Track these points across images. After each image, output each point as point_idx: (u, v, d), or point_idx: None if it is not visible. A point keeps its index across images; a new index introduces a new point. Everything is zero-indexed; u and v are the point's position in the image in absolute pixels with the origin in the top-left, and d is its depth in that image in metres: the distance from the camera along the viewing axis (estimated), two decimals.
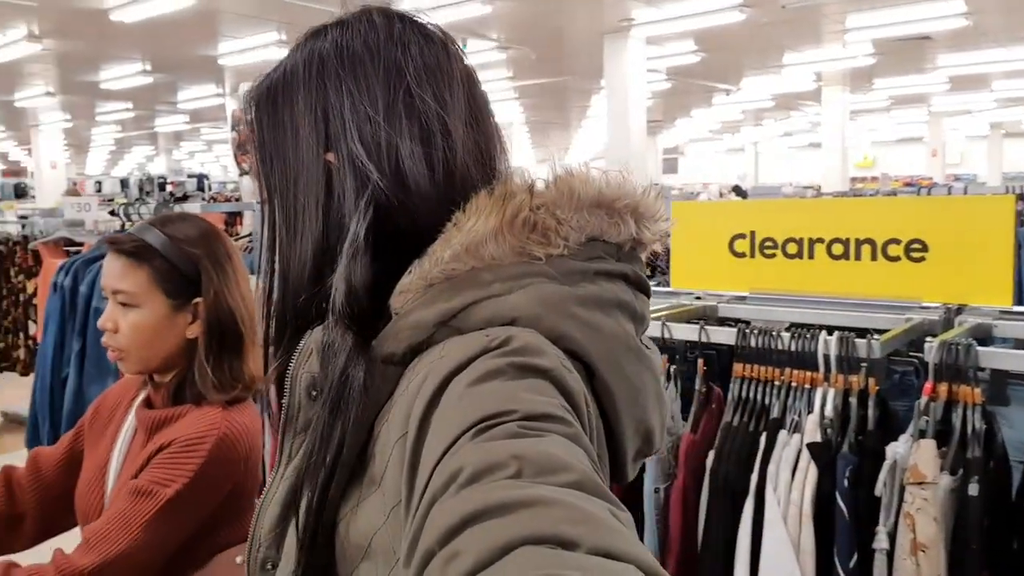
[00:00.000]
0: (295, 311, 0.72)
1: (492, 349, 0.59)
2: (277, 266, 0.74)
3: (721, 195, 13.74)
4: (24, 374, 5.57)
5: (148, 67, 11.23)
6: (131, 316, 1.27)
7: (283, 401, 0.71)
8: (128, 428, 1.35)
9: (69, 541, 1.25)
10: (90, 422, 1.44)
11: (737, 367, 1.75)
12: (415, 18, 0.74)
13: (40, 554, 1.24)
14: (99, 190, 16.60)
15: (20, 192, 16.30)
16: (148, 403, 1.34)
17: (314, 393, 0.67)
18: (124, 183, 16.66)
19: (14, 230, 6.29)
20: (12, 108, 14.20)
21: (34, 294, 5.42)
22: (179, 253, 1.28)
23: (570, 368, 0.61)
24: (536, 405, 0.54)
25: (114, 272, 1.28)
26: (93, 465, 1.36)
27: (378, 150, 0.68)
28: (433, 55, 0.72)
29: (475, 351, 0.59)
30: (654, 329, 1.87)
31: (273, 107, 0.73)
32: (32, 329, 5.47)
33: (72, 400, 2.38)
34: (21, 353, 5.70)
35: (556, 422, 0.53)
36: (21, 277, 5.67)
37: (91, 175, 21.55)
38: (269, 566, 0.70)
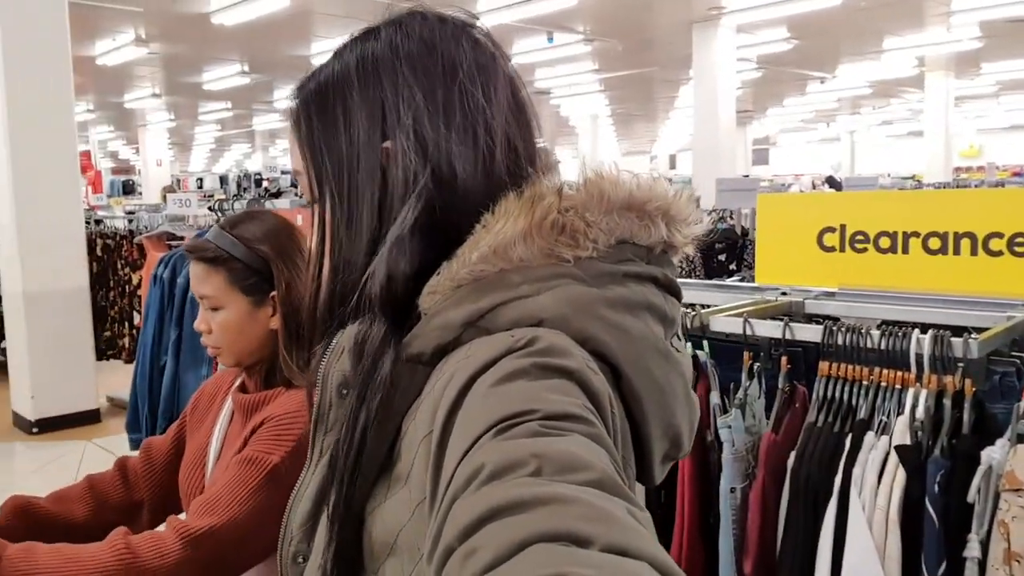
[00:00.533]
0: (343, 304, 0.72)
1: (517, 349, 0.59)
2: (327, 261, 0.75)
3: (814, 186, 13.31)
4: (128, 361, 5.89)
5: (246, 68, 11.66)
6: (218, 317, 1.36)
7: (315, 398, 0.73)
8: (226, 413, 1.44)
9: None
10: (191, 412, 1.54)
11: (823, 366, 1.69)
12: (464, 19, 0.75)
13: None
14: (200, 186, 17.31)
15: (128, 189, 17.14)
16: (243, 388, 1.43)
17: (344, 392, 0.69)
18: (223, 179, 17.30)
19: (121, 225, 6.66)
20: (122, 109, 15.00)
21: (138, 286, 5.72)
22: (249, 253, 1.34)
23: (596, 369, 0.61)
24: (558, 405, 0.54)
25: (197, 277, 1.37)
26: (194, 448, 1.45)
27: (433, 145, 0.69)
28: (484, 55, 0.73)
29: (500, 351, 0.60)
30: (735, 325, 1.83)
31: (323, 105, 0.74)
32: (136, 319, 5.77)
33: (169, 386, 2.50)
34: (126, 342, 6.03)
35: (578, 422, 0.53)
36: (127, 269, 5.99)
37: (193, 172, 22.53)
38: (300, 559, 0.72)
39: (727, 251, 4.65)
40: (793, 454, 1.59)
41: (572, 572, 0.38)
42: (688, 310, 1.93)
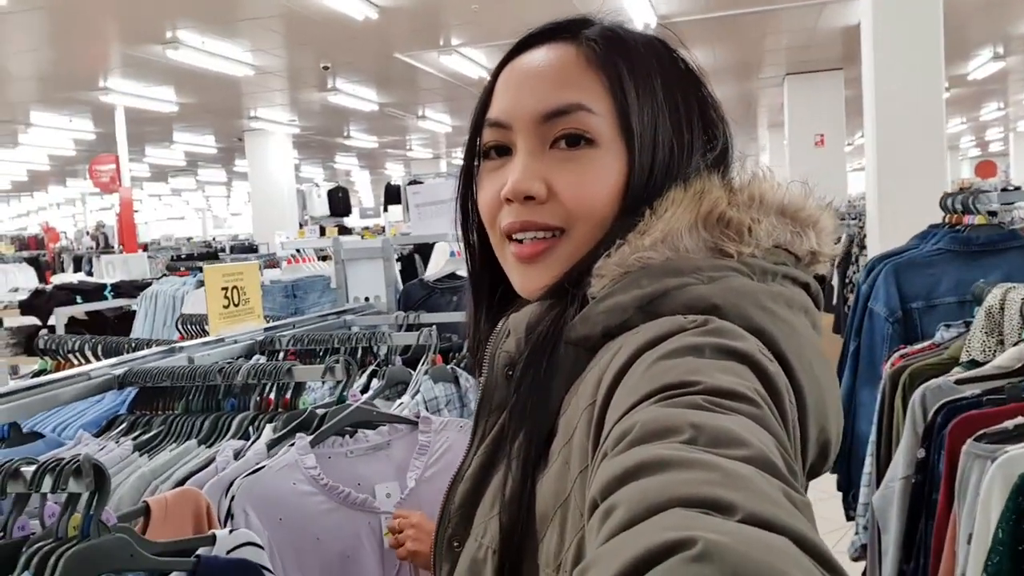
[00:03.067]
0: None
1: (689, 328, 0.59)
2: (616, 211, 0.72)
3: None
4: None
5: None
6: None
7: (481, 380, 0.75)
8: None
9: None
10: None
11: None
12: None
13: None
14: None
15: None
16: None
17: (510, 373, 0.70)
18: None
19: None
20: None
21: None
22: None
23: (770, 357, 0.59)
24: (724, 382, 0.52)
25: None
26: None
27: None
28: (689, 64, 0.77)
29: (671, 329, 0.60)
30: None
31: (638, 65, 0.73)
32: None
33: (845, 399, 2.26)
34: None
35: (743, 402, 0.51)
36: None
37: None
38: (455, 544, 0.71)
39: None
40: None
41: (703, 536, 0.36)
42: None
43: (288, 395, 1.60)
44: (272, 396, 1.61)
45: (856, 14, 8.23)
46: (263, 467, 1.43)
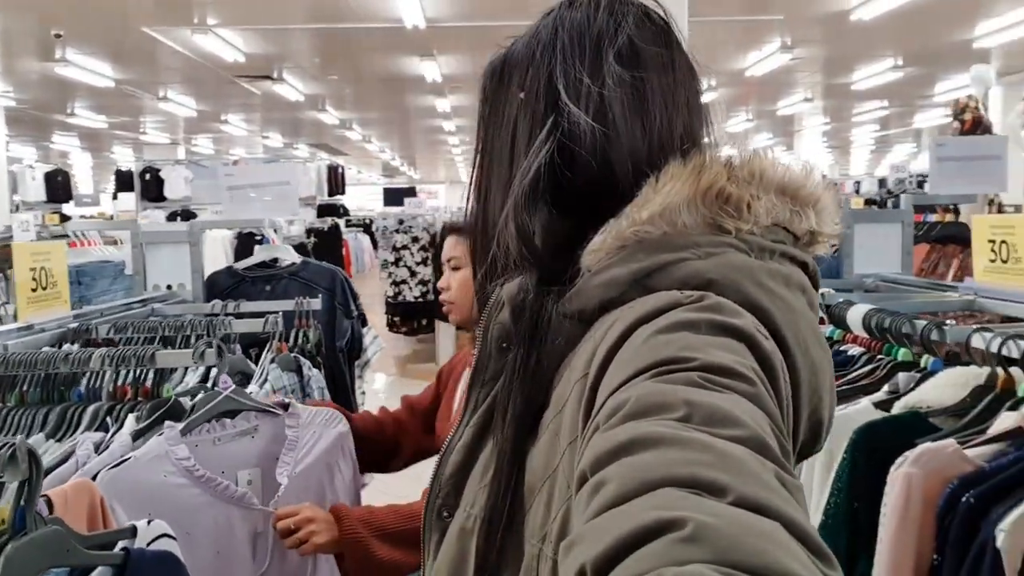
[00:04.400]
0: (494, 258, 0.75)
1: (685, 304, 0.59)
2: (481, 217, 0.79)
3: None
4: None
5: (899, 62, 10.93)
6: (457, 275, 1.65)
7: (474, 352, 0.74)
8: (465, 374, 1.63)
9: None
10: (447, 373, 1.81)
11: None
12: (642, 3, 0.76)
13: None
14: (857, 191, 16.98)
15: None
16: None
17: (504, 345, 0.70)
18: (882, 182, 16.66)
19: None
20: (776, 117, 15.62)
21: None
22: None
23: (766, 335, 0.59)
24: (720, 359, 0.52)
25: (450, 245, 1.68)
26: (447, 407, 1.71)
27: (570, 100, 0.71)
28: (647, 37, 0.74)
29: (667, 304, 0.59)
30: None
31: (499, 81, 0.78)
32: None
33: None
34: None
35: (739, 380, 0.51)
36: None
37: (853, 175, 22.15)
38: (445, 513, 0.71)
39: None
40: None
41: (694, 518, 0.36)
42: None
43: (148, 383, 1.47)
44: (128, 385, 1.47)
45: None
46: (129, 459, 1.32)
